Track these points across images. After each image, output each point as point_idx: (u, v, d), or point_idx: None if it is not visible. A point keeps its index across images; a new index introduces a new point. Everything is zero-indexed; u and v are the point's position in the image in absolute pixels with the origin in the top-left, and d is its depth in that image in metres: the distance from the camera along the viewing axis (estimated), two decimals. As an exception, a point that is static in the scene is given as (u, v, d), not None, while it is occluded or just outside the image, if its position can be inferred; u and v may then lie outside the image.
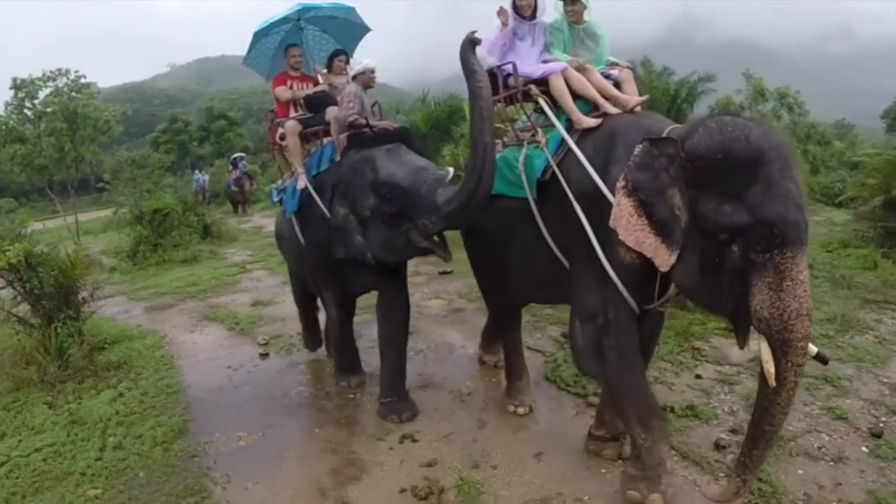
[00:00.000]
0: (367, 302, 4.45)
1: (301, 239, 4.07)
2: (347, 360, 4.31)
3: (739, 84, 15.67)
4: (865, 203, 9.37)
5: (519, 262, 3.44)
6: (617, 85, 3.30)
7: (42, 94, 13.58)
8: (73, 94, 13.91)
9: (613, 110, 3.11)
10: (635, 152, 2.55)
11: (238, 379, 4.56)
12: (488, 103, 2.93)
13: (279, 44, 4.59)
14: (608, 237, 2.69)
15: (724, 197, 2.29)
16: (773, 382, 2.26)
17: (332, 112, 3.91)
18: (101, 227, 16.06)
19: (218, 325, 5.98)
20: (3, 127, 13.29)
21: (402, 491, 2.93)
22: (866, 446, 3.28)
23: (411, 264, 7.93)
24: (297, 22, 4.58)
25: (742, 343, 2.41)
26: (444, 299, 6.15)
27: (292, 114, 4.32)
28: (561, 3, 3.42)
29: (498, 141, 3.48)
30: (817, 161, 14.81)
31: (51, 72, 13.51)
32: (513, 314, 3.99)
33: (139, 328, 5.99)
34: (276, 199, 4.63)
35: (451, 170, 3.58)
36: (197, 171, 20.86)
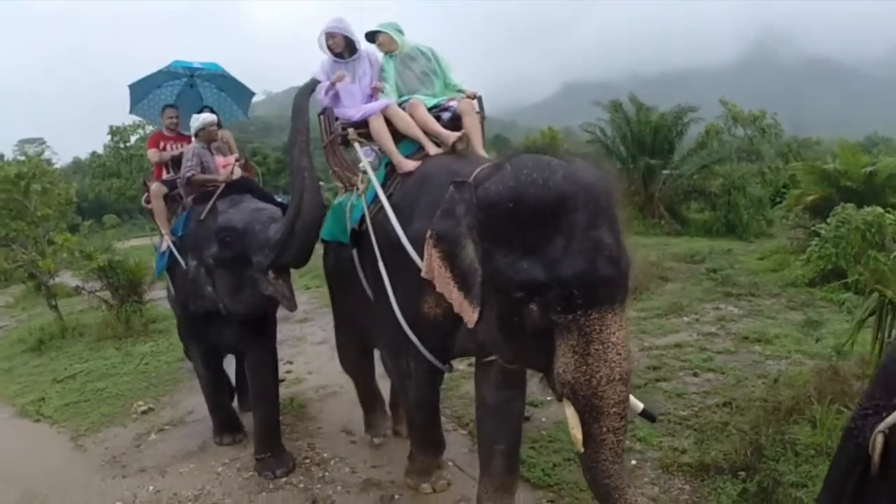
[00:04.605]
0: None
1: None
2: (222, 420, 4.49)
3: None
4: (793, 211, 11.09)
5: (356, 310, 3.61)
6: (458, 117, 3.27)
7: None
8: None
9: (433, 150, 3.09)
10: (445, 198, 2.43)
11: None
12: (306, 136, 3.12)
13: (176, 97, 4.90)
14: (409, 293, 2.74)
15: (518, 251, 2.16)
16: (579, 448, 2.19)
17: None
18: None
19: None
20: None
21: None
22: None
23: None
24: (189, 78, 4.86)
25: (560, 396, 2.27)
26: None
27: (165, 175, 4.52)
28: (372, 44, 3.51)
29: (341, 185, 3.74)
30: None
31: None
32: (363, 357, 4.18)
33: (180, 312, 9.49)
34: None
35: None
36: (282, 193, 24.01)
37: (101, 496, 3.96)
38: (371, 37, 3.48)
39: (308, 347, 6.91)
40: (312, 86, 3.25)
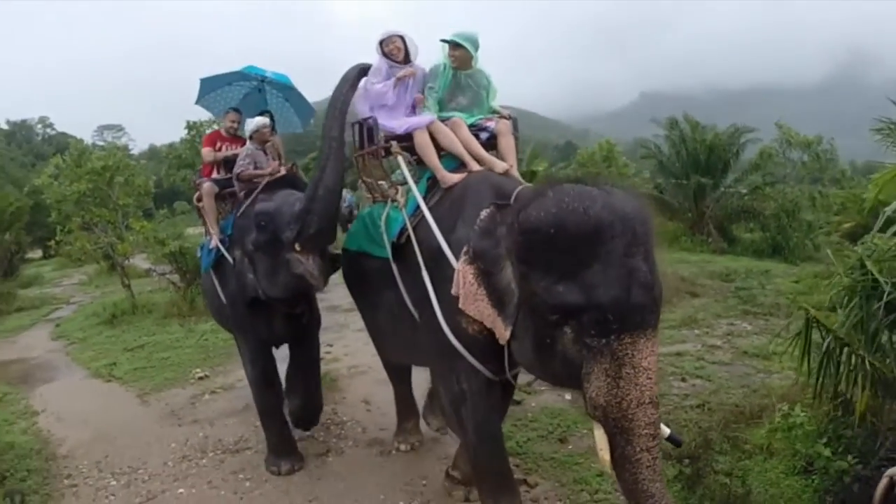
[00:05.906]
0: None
1: (221, 296, 4.37)
2: (275, 434, 4.32)
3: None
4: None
5: (386, 322, 3.62)
6: (494, 137, 3.43)
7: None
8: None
9: (475, 167, 3.19)
10: (481, 216, 2.55)
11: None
12: (344, 107, 3.26)
13: (243, 97, 5.01)
14: (454, 304, 2.69)
15: (555, 275, 2.26)
16: (608, 469, 2.30)
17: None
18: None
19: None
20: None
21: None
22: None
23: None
24: (259, 83, 4.98)
25: (591, 416, 2.34)
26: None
27: (215, 175, 4.64)
28: (446, 46, 3.45)
29: (368, 196, 3.85)
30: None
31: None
32: (400, 370, 4.38)
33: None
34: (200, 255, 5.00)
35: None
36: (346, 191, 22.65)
37: (160, 438, 4.99)
38: (448, 43, 3.47)
39: (349, 333, 7.82)
40: (365, 66, 3.37)
